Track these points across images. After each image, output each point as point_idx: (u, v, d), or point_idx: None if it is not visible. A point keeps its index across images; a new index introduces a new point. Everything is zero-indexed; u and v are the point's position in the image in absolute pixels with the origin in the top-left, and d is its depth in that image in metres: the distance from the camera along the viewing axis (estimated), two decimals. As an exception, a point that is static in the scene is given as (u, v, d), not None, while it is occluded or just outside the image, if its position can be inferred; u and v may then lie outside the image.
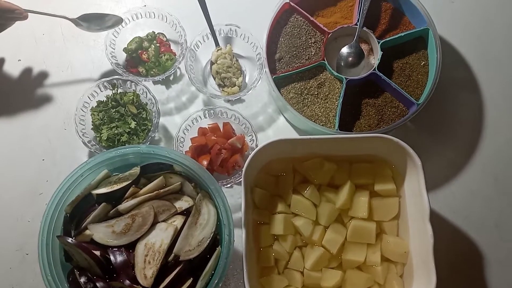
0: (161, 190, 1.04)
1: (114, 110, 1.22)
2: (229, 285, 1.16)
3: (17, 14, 1.16)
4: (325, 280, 1.06)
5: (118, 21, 1.26)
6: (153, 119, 1.22)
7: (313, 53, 1.26)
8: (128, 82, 1.24)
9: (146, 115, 1.23)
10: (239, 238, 1.00)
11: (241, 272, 0.97)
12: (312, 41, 1.26)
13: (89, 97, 1.22)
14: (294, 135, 1.29)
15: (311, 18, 1.26)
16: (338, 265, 1.09)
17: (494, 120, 1.29)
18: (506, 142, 1.28)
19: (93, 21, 1.26)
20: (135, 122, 1.21)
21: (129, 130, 1.20)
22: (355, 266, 1.08)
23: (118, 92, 1.24)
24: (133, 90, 1.24)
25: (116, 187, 1.03)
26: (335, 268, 1.08)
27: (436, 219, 1.08)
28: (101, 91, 1.24)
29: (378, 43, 1.23)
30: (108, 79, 1.23)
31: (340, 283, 1.07)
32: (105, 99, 1.24)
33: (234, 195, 1.23)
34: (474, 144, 1.27)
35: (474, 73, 1.33)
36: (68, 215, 1.03)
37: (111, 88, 1.24)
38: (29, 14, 1.18)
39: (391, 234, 1.10)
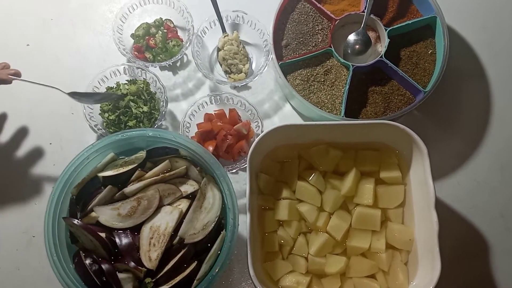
0: (167, 174, 1.05)
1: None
2: (233, 270, 1.17)
3: (3, 83, 1.14)
4: (329, 266, 1.06)
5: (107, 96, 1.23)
6: (161, 108, 1.22)
7: (320, 40, 1.25)
8: (139, 70, 1.24)
9: (154, 104, 1.23)
10: (244, 224, 1.01)
11: (246, 257, 0.97)
12: (319, 28, 1.26)
13: (99, 82, 1.23)
14: (300, 122, 1.29)
15: (319, 5, 1.26)
16: (343, 252, 1.09)
17: (501, 110, 1.28)
18: (513, 132, 1.27)
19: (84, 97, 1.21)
20: (147, 107, 1.21)
21: (141, 114, 1.20)
22: (360, 253, 1.08)
23: (129, 80, 1.26)
24: (143, 78, 1.25)
25: (122, 170, 1.04)
26: (339, 254, 1.08)
27: (441, 209, 1.08)
28: (111, 77, 1.25)
29: (385, 30, 1.23)
30: (118, 65, 1.24)
31: (344, 269, 1.07)
32: (114, 85, 1.24)
33: (240, 181, 1.23)
34: (481, 133, 1.26)
35: (482, 62, 1.32)
36: (74, 197, 1.03)
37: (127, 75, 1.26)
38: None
39: (396, 221, 1.10)
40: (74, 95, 1.18)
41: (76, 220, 0.99)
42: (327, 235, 1.08)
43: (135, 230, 1.00)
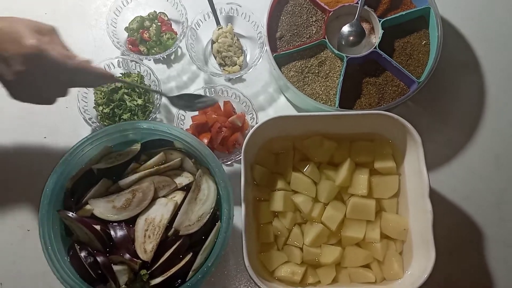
0: (162, 166, 1.05)
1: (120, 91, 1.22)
2: (228, 261, 1.17)
3: (109, 80, 1.02)
4: (324, 256, 1.07)
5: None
6: (155, 101, 1.22)
7: (314, 31, 1.25)
8: (133, 63, 1.24)
9: (148, 97, 1.23)
10: (239, 215, 1.01)
11: (241, 249, 0.97)
12: (313, 19, 1.26)
13: (92, 75, 1.22)
14: (294, 113, 1.29)
15: (313, -3, 1.26)
16: (338, 242, 1.09)
17: (495, 100, 1.29)
18: (507, 122, 1.27)
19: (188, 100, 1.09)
20: (142, 100, 1.21)
21: (135, 107, 1.20)
22: (355, 243, 1.09)
23: (123, 73, 1.25)
24: (138, 71, 1.25)
25: (116, 162, 1.04)
26: (334, 244, 1.08)
27: (436, 199, 1.08)
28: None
29: (379, 22, 1.23)
30: (113, 58, 1.23)
31: (339, 259, 1.07)
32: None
33: (234, 173, 1.23)
34: (475, 123, 1.27)
35: (475, 52, 1.32)
36: (68, 190, 1.03)
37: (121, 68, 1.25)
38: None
39: (390, 211, 1.10)
40: (173, 99, 1.07)
41: (71, 213, 0.99)
42: (322, 226, 1.08)
43: (130, 222, 1.01)
